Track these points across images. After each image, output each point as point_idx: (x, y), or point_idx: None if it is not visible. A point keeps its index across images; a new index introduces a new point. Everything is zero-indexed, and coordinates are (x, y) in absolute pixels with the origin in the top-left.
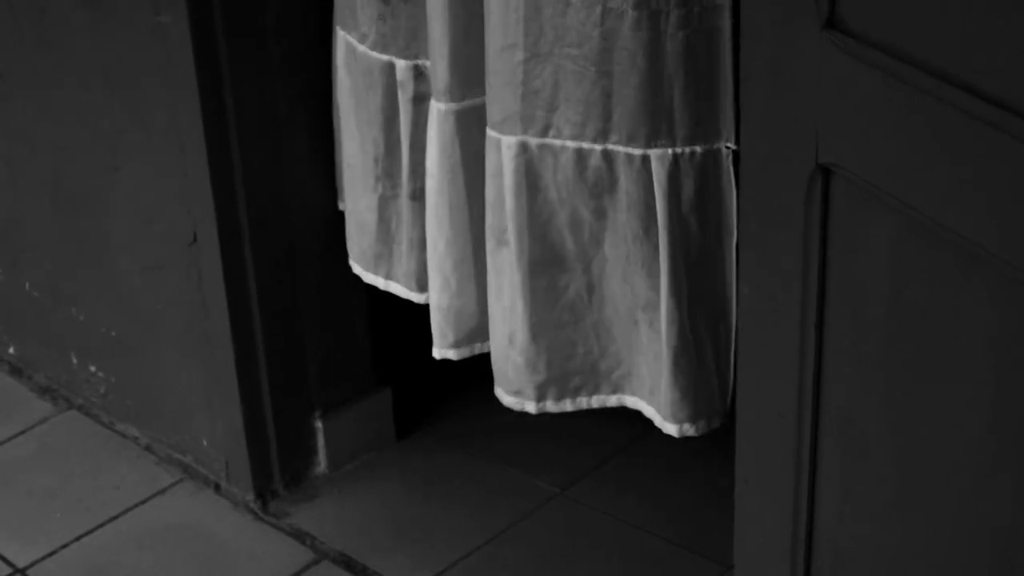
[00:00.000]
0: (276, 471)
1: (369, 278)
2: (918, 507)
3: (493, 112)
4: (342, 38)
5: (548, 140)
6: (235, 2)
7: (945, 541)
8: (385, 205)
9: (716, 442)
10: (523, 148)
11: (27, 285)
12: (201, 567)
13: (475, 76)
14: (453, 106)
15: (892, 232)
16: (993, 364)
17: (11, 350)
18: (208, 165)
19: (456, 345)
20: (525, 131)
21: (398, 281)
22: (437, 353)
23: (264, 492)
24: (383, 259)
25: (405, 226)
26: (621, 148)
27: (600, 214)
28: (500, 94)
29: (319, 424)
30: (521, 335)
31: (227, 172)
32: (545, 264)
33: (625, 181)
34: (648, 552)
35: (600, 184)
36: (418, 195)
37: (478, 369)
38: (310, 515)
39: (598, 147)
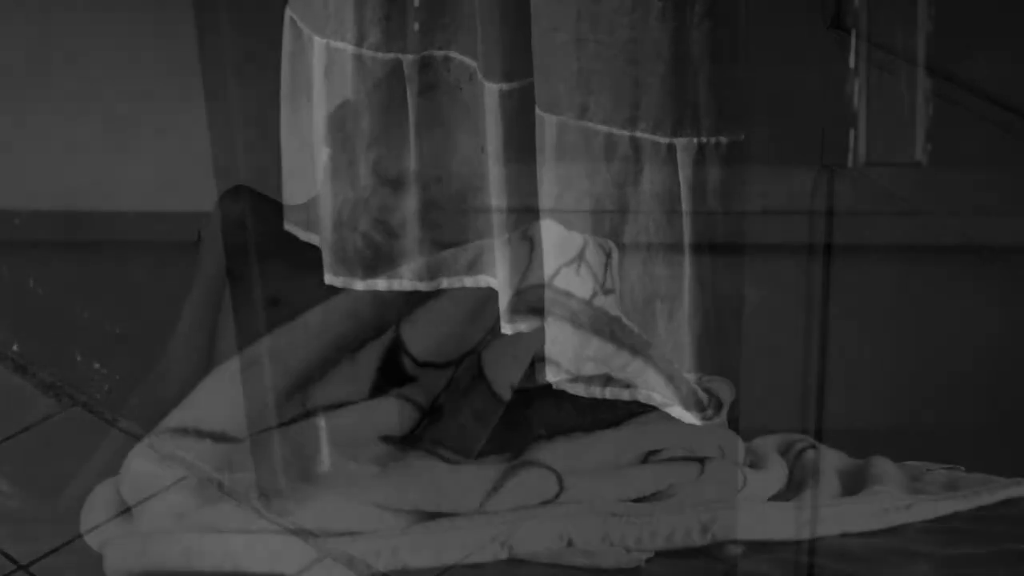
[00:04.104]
0: (279, 469)
1: (365, 285)
2: None
3: (540, 92)
4: (322, 45)
5: (585, 123)
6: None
7: None
8: (384, 206)
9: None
10: (564, 129)
11: (31, 282)
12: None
13: (525, 57)
14: (506, 86)
15: (897, 231)
16: (997, 363)
17: (15, 347)
18: (212, 163)
19: None
20: (565, 112)
21: (403, 277)
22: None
23: (267, 490)
24: (383, 260)
25: (414, 218)
26: (648, 136)
27: (622, 205)
28: (545, 75)
29: (323, 422)
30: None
31: (232, 170)
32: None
33: (650, 170)
34: None
35: (624, 173)
36: (431, 185)
37: None
38: (313, 513)
39: (627, 133)
